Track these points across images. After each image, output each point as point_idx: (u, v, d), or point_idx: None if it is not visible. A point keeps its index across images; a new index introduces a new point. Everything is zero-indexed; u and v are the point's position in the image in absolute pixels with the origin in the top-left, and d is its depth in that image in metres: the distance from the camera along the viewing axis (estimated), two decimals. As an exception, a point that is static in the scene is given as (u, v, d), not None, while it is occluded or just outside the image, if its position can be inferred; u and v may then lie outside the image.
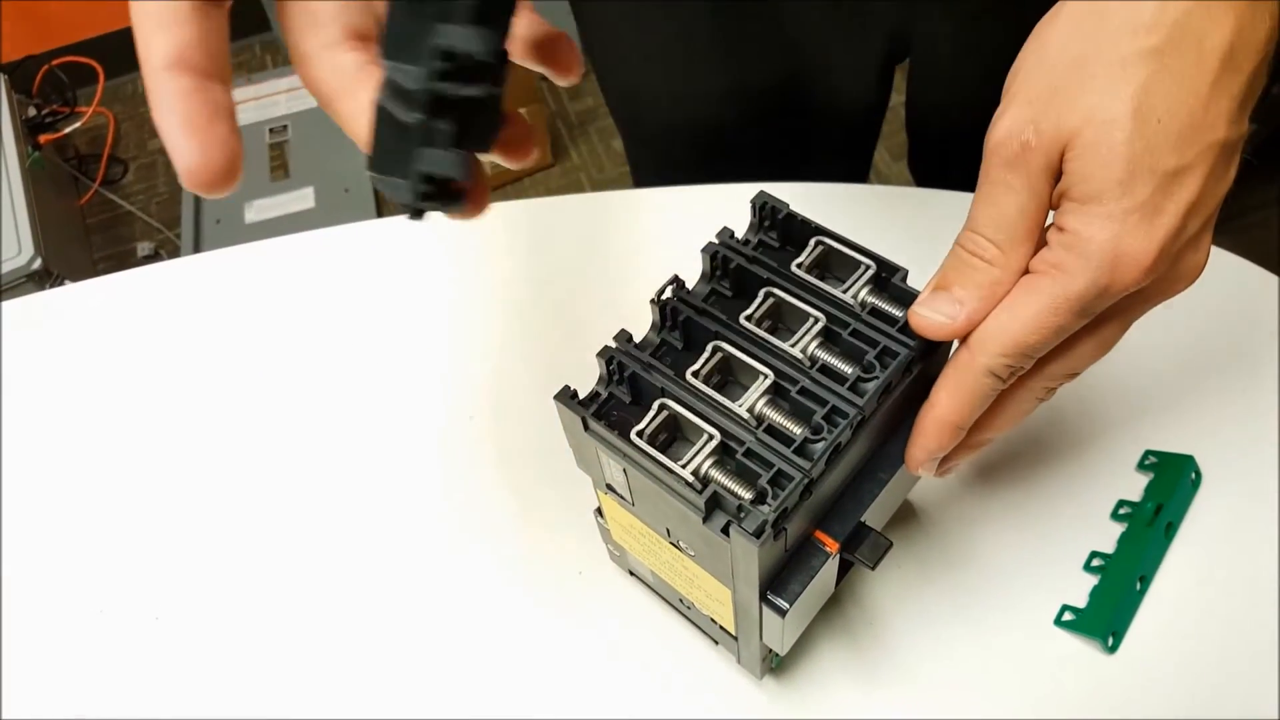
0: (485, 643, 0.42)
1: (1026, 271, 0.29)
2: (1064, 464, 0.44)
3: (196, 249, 1.52)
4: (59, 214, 1.52)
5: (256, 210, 1.57)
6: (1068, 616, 0.40)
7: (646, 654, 0.41)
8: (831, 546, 0.32)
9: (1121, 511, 0.43)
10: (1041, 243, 0.29)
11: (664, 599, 0.41)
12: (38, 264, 1.28)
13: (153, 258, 1.63)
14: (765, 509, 0.28)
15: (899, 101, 0.64)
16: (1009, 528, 0.43)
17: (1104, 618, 0.40)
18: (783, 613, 0.31)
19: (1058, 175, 0.28)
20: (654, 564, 0.37)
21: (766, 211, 0.34)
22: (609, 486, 0.34)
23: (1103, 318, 0.29)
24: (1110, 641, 0.39)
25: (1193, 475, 0.43)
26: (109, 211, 1.69)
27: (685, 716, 0.39)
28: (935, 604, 0.41)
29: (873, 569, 0.32)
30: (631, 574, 0.42)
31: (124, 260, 1.62)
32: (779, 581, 0.32)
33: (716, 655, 0.40)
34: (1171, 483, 0.43)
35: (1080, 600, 0.41)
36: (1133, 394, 0.46)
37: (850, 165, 0.68)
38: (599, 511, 0.38)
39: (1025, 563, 0.42)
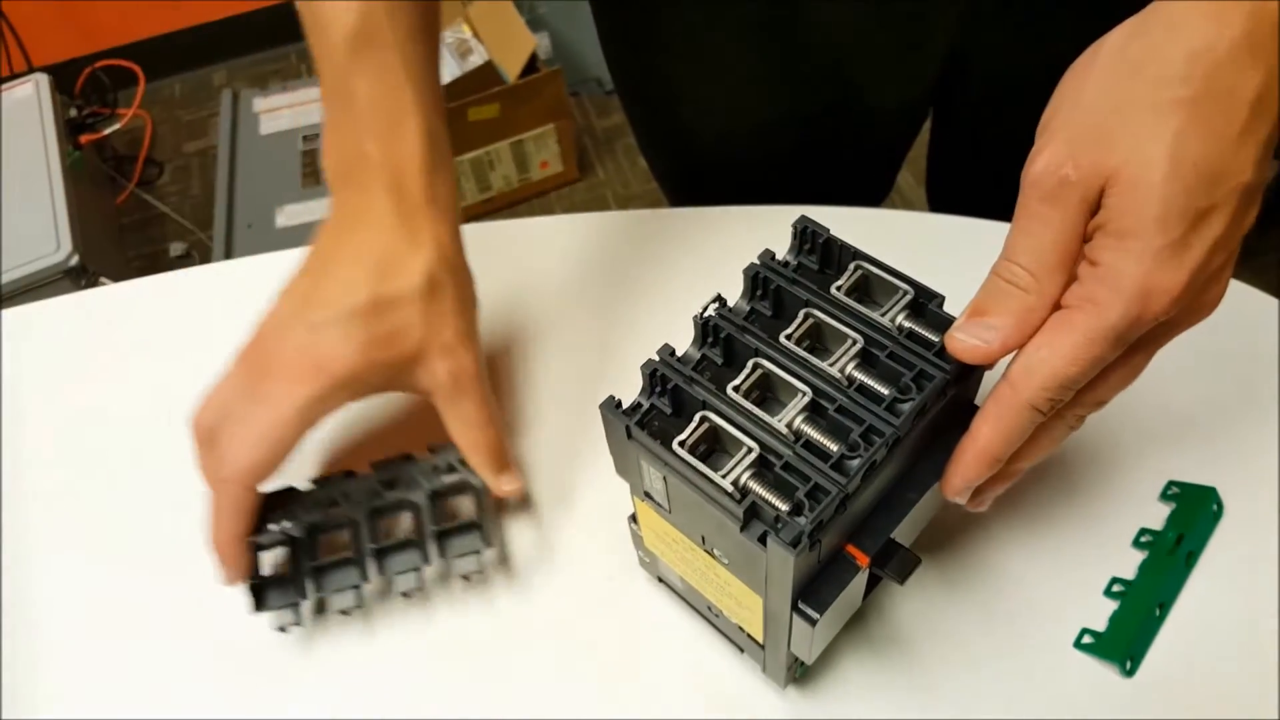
0: (513, 641, 0.43)
1: (1059, 306, 0.30)
2: (1088, 492, 0.45)
3: (227, 251, 1.55)
4: (96, 212, 1.55)
5: (287, 215, 1.60)
6: (1087, 639, 0.41)
7: (672, 659, 0.42)
8: (862, 561, 0.33)
9: (1143, 540, 0.44)
10: (1073, 276, 0.30)
11: (692, 606, 0.42)
12: (75, 260, 1.31)
13: (185, 258, 1.66)
14: (802, 520, 0.29)
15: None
16: (1032, 551, 0.44)
17: (1122, 642, 0.41)
18: (813, 622, 0.32)
19: (1092, 210, 0.29)
20: (685, 571, 0.38)
21: (807, 235, 0.36)
22: (646, 494, 0.35)
23: (1133, 347, 0.31)
24: (1128, 665, 0.40)
25: (1215, 506, 0.44)
26: (144, 212, 1.72)
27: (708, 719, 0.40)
28: (958, 622, 0.42)
29: (901, 584, 0.33)
30: (661, 581, 0.43)
31: (157, 259, 1.65)
32: (810, 592, 0.33)
33: (741, 663, 0.41)
34: (1193, 513, 0.44)
35: (1100, 624, 0.42)
36: (1157, 426, 0.47)
37: (875, 182, 0.69)
38: (633, 518, 0.39)
39: (1047, 586, 0.43)
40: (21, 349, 0.56)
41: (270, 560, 0.45)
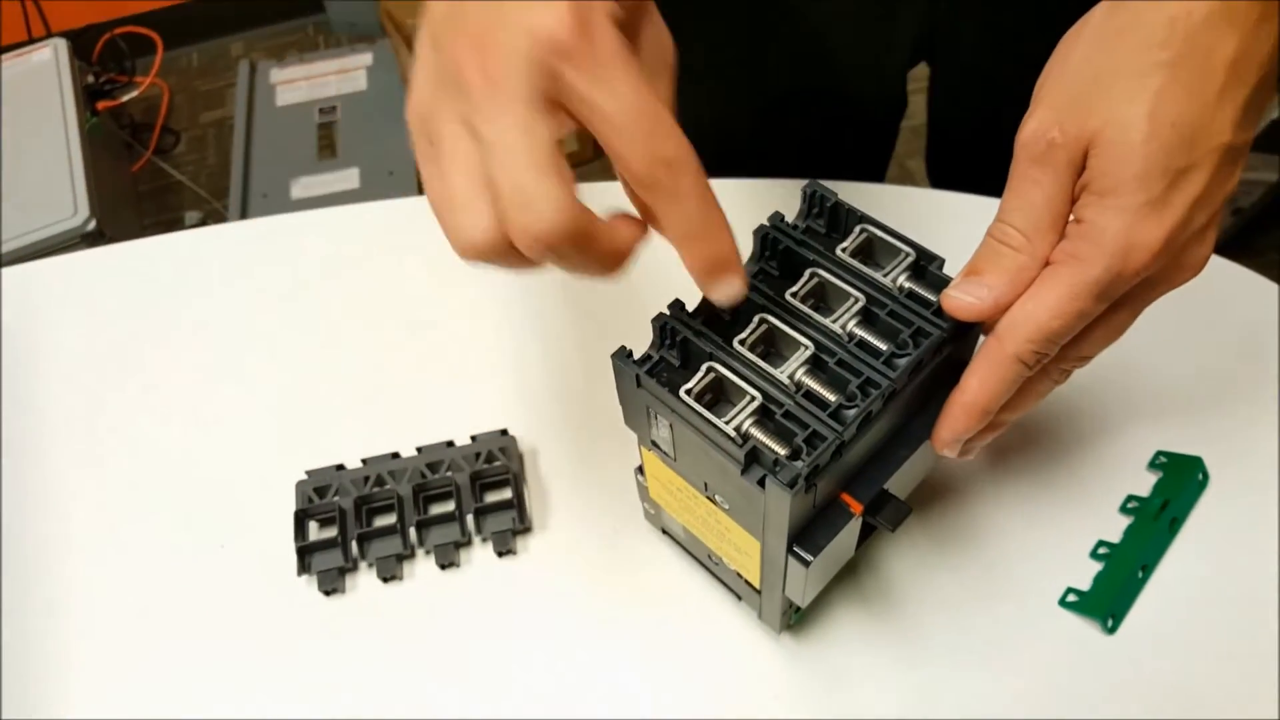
0: (520, 590, 0.45)
1: (1049, 263, 0.32)
2: (1079, 458, 0.47)
3: (243, 220, 1.57)
4: (113, 179, 1.56)
5: (302, 187, 1.62)
6: (1071, 598, 0.43)
7: (672, 606, 0.44)
8: (855, 508, 0.35)
9: (1130, 505, 0.45)
10: (1064, 235, 0.32)
11: (693, 556, 0.44)
12: (92, 225, 1.32)
13: (200, 227, 1.67)
14: (799, 464, 0.31)
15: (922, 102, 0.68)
16: (1022, 512, 0.45)
17: (1105, 601, 0.42)
18: (807, 564, 0.34)
19: (1079, 172, 0.31)
20: (688, 520, 0.40)
21: (816, 200, 0.37)
22: (654, 443, 0.37)
23: (1116, 304, 0.32)
24: (1110, 623, 0.42)
25: (1200, 476, 0.45)
26: (160, 180, 1.74)
27: (706, 664, 0.42)
28: (947, 578, 0.44)
29: (892, 531, 0.35)
30: (664, 532, 0.45)
31: (172, 227, 1.66)
32: (805, 536, 0.34)
33: (738, 610, 0.43)
34: (1179, 482, 0.45)
35: (1084, 584, 0.43)
36: (1149, 397, 0.48)
37: (868, 167, 0.71)
38: (640, 470, 0.41)
39: (1035, 546, 0.45)
40: (38, 304, 0.57)
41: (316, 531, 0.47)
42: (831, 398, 0.32)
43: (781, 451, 0.31)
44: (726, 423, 0.32)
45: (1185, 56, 0.29)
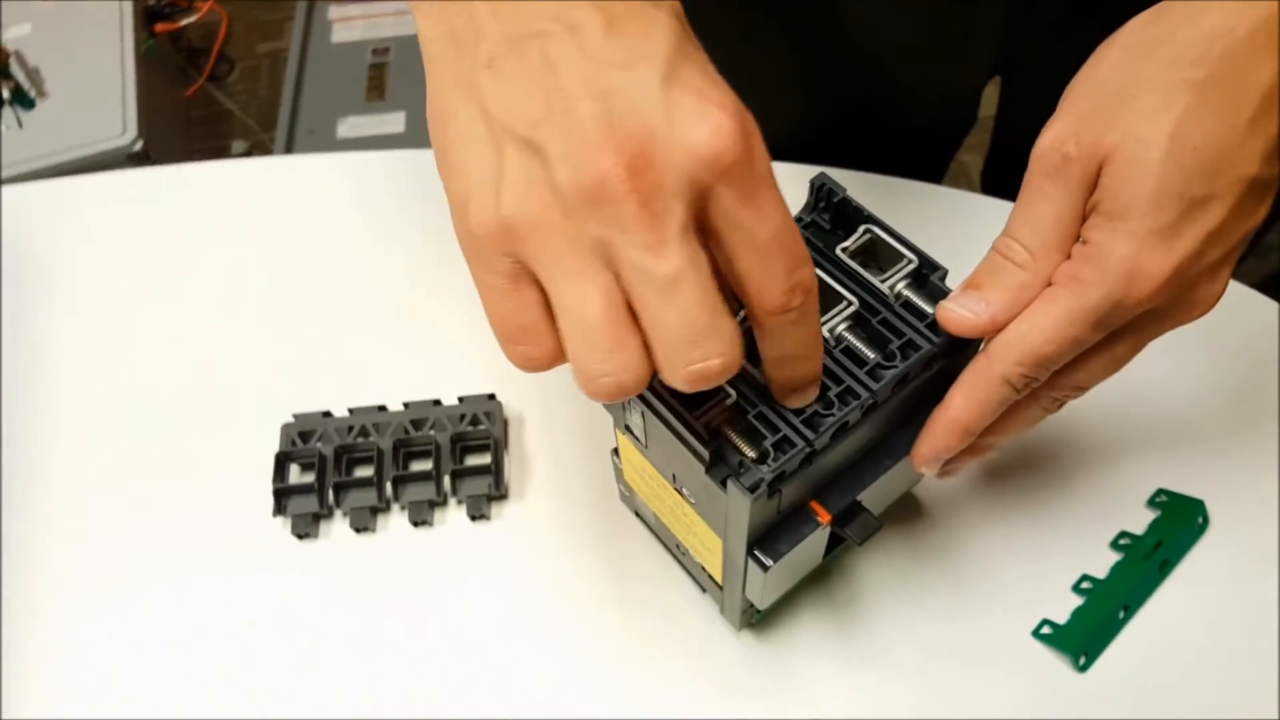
0: (488, 555, 0.45)
1: (1050, 283, 0.30)
2: (1076, 487, 0.45)
3: (287, 154, 1.58)
4: (164, 102, 1.58)
5: (349, 127, 1.62)
6: (1046, 630, 0.42)
7: (637, 590, 0.43)
8: (824, 518, 0.34)
9: (1121, 542, 0.44)
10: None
11: (663, 543, 0.44)
12: (139, 146, 1.34)
13: (246, 157, 1.69)
14: (764, 469, 0.30)
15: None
16: (1009, 537, 0.44)
17: (1079, 638, 0.41)
18: (765, 569, 0.33)
19: (1092, 188, 0.29)
20: (657, 507, 0.39)
21: (823, 193, 0.36)
22: (627, 427, 0.36)
23: (1117, 335, 0.31)
24: (1081, 661, 0.41)
25: (1200, 519, 0.44)
26: (211, 107, 1.75)
27: (663, 651, 0.42)
28: (921, 596, 0.43)
29: (859, 545, 0.34)
30: (638, 515, 0.44)
31: (218, 155, 1.68)
32: (768, 540, 0.34)
33: (702, 603, 0.43)
34: (1176, 523, 0.44)
35: (1061, 618, 0.42)
36: (1156, 430, 0.46)
37: (924, 170, 0.68)
38: (615, 452, 0.40)
39: (1017, 572, 0.43)
40: (72, 219, 0.58)
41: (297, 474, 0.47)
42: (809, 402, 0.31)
43: (749, 453, 0.30)
44: (697, 417, 0.31)
45: (1219, 77, 0.28)
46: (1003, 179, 0.69)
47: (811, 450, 0.31)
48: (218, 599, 0.44)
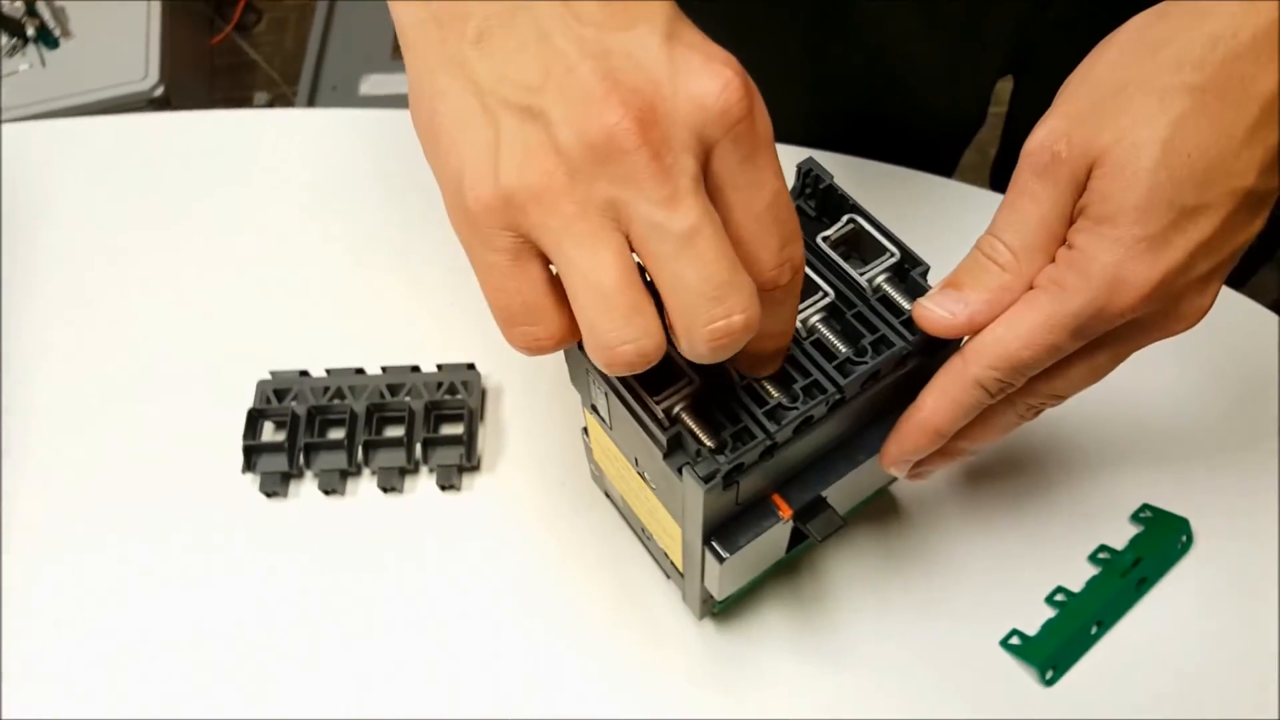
0: (455, 526, 0.44)
1: (1032, 287, 0.29)
2: (1058, 495, 0.44)
3: (309, 108, 1.57)
4: (189, 49, 1.57)
5: (371, 84, 1.61)
6: (1014, 640, 0.41)
7: (601, 571, 0.43)
8: (785, 512, 0.33)
9: (1100, 556, 0.43)
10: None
11: (630, 526, 0.43)
12: (159, 91, 1.33)
13: (267, 109, 1.68)
14: (721, 459, 0.29)
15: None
16: (984, 542, 0.43)
17: (1048, 650, 0.40)
18: (721, 560, 0.32)
19: (1081, 190, 0.28)
20: (624, 490, 0.39)
21: (810, 179, 0.35)
22: (593, 407, 0.35)
23: (1098, 344, 0.29)
24: (1048, 675, 0.40)
25: (1183, 538, 0.42)
26: (235, 57, 1.74)
27: (623, 635, 0.41)
28: (889, 596, 0.42)
29: (819, 542, 0.33)
30: (607, 496, 0.44)
31: (239, 105, 1.68)
32: (727, 531, 0.33)
33: (665, 589, 0.42)
34: (1158, 541, 0.42)
35: (1032, 629, 0.41)
36: (1149, 442, 0.45)
37: (934, 164, 0.67)
38: (586, 431, 0.40)
39: (990, 580, 0.42)
40: (85, 159, 0.57)
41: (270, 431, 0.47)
42: (773, 394, 0.30)
43: (708, 443, 0.30)
44: (658, 402, 0.30)
45: (1218, 82, 0.26)
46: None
47: (772, 443, 0.30)
48: (178, 550, 0.44)
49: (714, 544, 0.33)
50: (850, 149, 0.53)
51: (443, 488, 0.45)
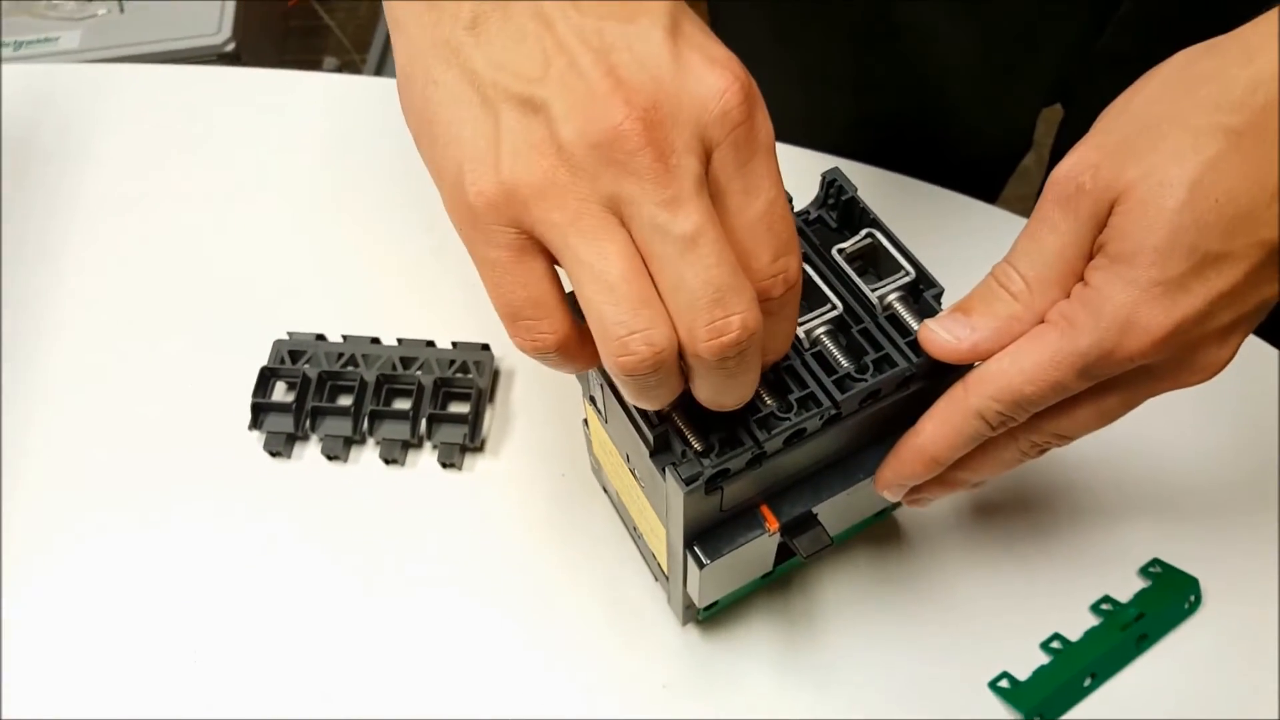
0: (452, 505, 0.44)
1: (1043, 321, 0.28)
2: (1066, 539, 0.43)
3: (376, 76, 1.59)
4: (264, 9, 1.60)
5: (437, 59, 1.62)
6: (1003, 683, 0.40)
7: (593, 568, 0.42)
8: (772, 524, 0.32)
9: (1103, 606, 0.41)
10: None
11: (624, 523, 0.43)
12: (231, 47, 1.36)
13: (334, 74, 1.71)
14: (705, 463, 0.28)
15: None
16: (984, 580, 0.42)
17: (1037, 698, 0.39)
18: (701, 566, 0.32)
19: (1102, 226, 0.27)
20: (618, 486, 0.38)
21: (833, 189, 0.34)
22: (592, 399, 0.35)
23: (1107, 387, 0.28)
24: (1034, 722, 0.39)
25: (1191, 598, 0.41)
26: (310, 20, 1.77)
27: (604, 634, 0.41)
28: (880, 623, 0.41)
29: (804, 559, 0.32)
30: (605, 491, 0.43)
31: (309, 69, 1.70)
32: (711, 538, 0.32)
33: (652, 591, 0.42)
34: (1164, 598, 0.41)
35: (1023, 673, 0.40)
36: (1167, 495, 0.43)
37: (977, 189, 0.65)
38: (586, 422, 0.39)
39: (985, 619, 0.41)
40: (149, 105, 0.58)
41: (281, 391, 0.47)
42: (768, 402, 0.30)
43: (695, 445, 0.29)
44: (651, 399, 0.30)
45: (1257, 128, 0.25)
46: None
47: (761, 452, 0.29)
48: (176, 499, 0.45)
49: (696, 549, 0.32)
50: (890, 159, 0.52)
51: (444, 465, 0.45)
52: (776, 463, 0.31)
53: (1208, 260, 0.25)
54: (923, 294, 0.32)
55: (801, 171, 0.44)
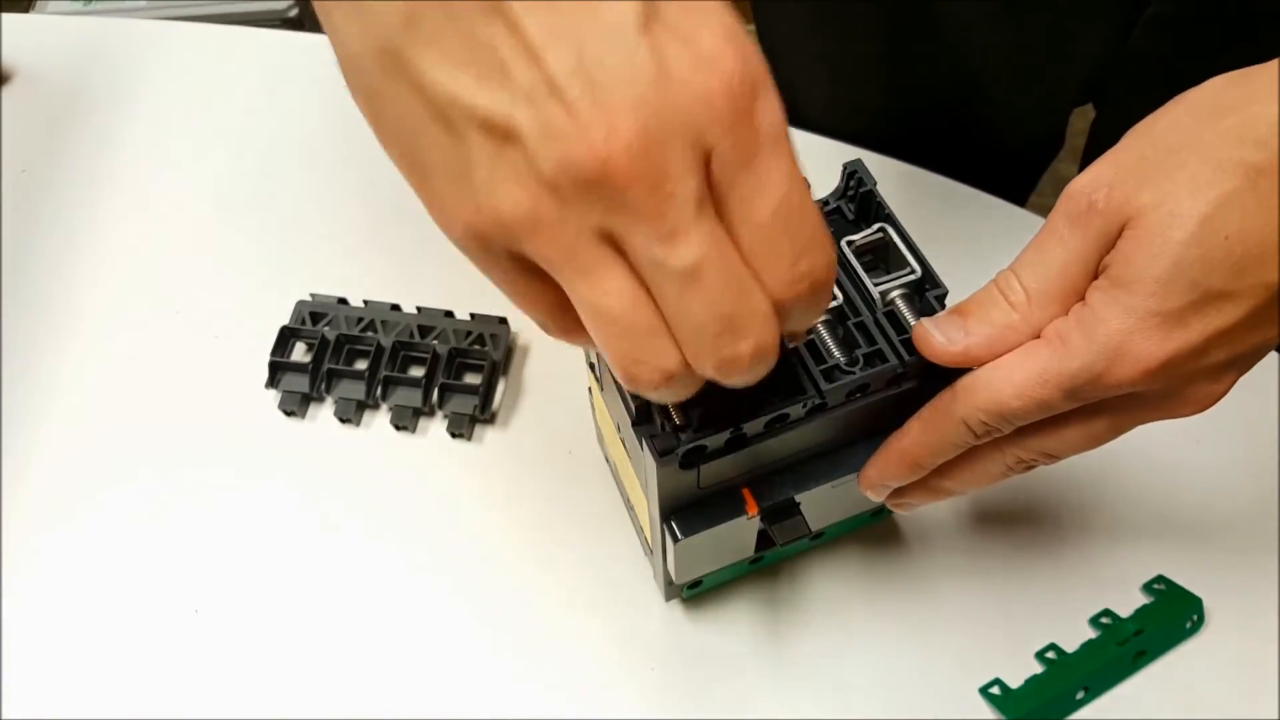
0: (459, 474, 0.45)
1: (1039, 335, 0.28)
2: (1070, 549, 0.42)
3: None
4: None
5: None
6: (994, 690, 0.39)
7: (586, 539, 0.43)
8: (751, 508, 0.32)
9: (1102, 620, 0.40)
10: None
11: (622, 499, 0.43)
12: (293, 13, 1.38)
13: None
14: (683, 437, 0.29)
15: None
16: (981, 585, 0.41)
17: (1027, 706, 0.38)
18: (675, 540, 0.32)
19: (1110, 247, 0.27)
20: (615, 455, 0.39)
21: (853, 181, 0.34)
22: (592, 365, 0.36)
23: (1096, 410, 0.28)
24: (1020, 731, 0.38)
25: (1194, 618, 0.40)
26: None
27: (583, 605, 0.41)
28: (871, 620, 0.41)
29: (780, 544, 0.33)
30: (607, 461, 0.44)
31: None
32: (690, 515, 0.33)
33: (641, 565, 0.42)
34: (1165, 616, 0.40)
35: (1015, 681, 0.39)
36: (1178, 512, 0.42)
37: (1008, 188, 0.64)
38: (591, 390, 0.40)
39: (981, 624, 0.41)
40: (213, 66, 0.60)
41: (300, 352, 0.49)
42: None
43: (676, 419, 0.29)
44: (639, 371, 0.30)
45: (1277, 168, 0.24)
46: None
47: (740, 435, 0.29)
48: (189, 450, 0.46)
49: (672, 523, 0.32)
50: (921, 153, 0.51)
51: (453, 435, 0.46)
52: (759, 447, 0.31)
53: (1209, 297, 0.25)
54: (926, 294, 0.31)
55: (830, 160, 0.44)
